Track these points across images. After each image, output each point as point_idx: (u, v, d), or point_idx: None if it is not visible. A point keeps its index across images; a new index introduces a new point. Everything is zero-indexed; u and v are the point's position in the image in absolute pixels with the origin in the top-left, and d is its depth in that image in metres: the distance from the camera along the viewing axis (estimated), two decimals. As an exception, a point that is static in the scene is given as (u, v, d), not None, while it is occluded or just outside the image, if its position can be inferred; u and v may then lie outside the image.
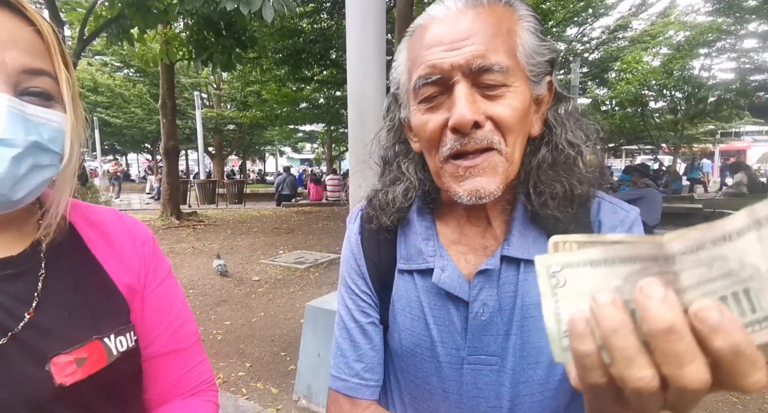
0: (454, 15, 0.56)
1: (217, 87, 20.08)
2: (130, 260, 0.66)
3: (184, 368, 0.70)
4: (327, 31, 10.75)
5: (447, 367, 0.65)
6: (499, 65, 0.54)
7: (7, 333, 0.51)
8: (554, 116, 0.64)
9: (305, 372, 2.69)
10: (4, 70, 0.48)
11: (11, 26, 0.49)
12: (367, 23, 2.24)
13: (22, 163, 0.49)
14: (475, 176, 0.57)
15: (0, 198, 0.49)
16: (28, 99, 0.50)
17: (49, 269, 0.58)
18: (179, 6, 4.89)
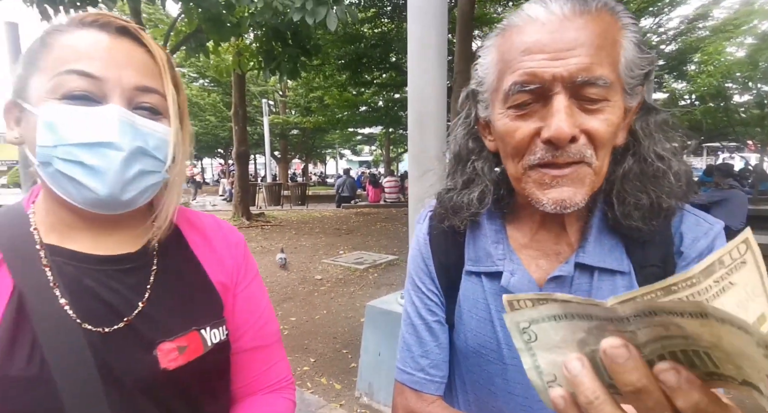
0: (559, 21, 0.52)
1: (283, 94, 21.09)
2: (225, 261, 0.73)
3: (267, 364, 0.75)
4: (387, 35, 10.88)
5: (513, 370, 0.65)
6: (603, 80, 0.51)
7: (123, 318, 0.58)
8: (642, 127, 0.61)
9: (366, 371, 2.75)
10: (119, 86, 0.55)
11: (128, 49, 0.57)
12: (428, 26, 2.24)
13: (130, 166, 0.55)
14: (561, 186, 0.55)
15: (110, 197, 0.55)
16: (138, 112, 0.57)
17: (159, 266, 0.65)
18: (250, 19, 5.21)
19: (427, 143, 2.31)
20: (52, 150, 0.53)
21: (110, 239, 0.62)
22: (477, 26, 9.55)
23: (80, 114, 0.53)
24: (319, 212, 13.04)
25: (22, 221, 0.59)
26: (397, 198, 14.99)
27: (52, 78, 0.53)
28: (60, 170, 0.54)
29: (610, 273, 0.61)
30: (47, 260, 0.57)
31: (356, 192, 16.04)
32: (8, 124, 0.59)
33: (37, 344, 0.52)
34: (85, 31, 0.56)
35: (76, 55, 0.53)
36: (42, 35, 0.57)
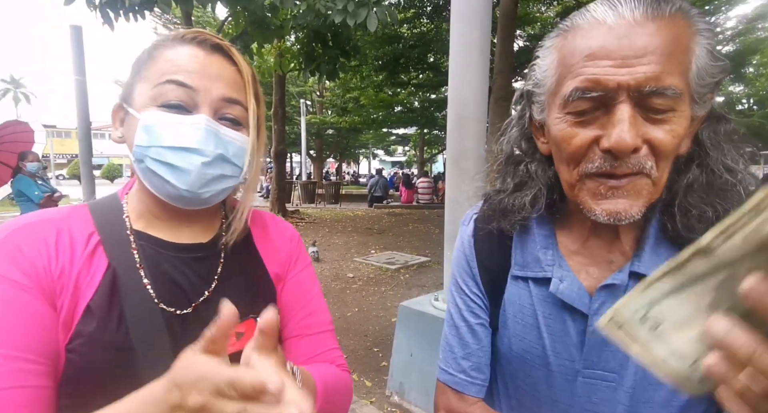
0: (629, 26, 0.49)
1: (320, 94, 21.45)
2: (281, 253, 0.78)
3: (314, 352, 0.76)
4: (426, 36, 10.83)
5: (559, 377, 0.64)
6: (673, 90, 0.49)
7: (191, 303, 0.65)
8: (710, 137, 0.58)
9: (397, 370, 2.76)
10: (209, 96, 0.62)
11: (220, 65, 0.64)
12: (471, 26, 2.23)
13: (210, 169, 0.62)
14: (617, 198, 0.53)
15: (191, 195, 0.62)
16: (222, 122, 0.64)
17: (226, 257, 0.71)
18: (293, 21, 5.34)
19: (466, 144, 2.30)
20: (146, 150, 0.61)
21: (186, 230, 0.69)
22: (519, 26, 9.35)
23: (174, 121, 0.60)
24: (352, 211, 13.17)
25: (117, 209, 0.67)
26: (431, 200, 14.90)
27: (154, 87, 0.61)
28: (149, 167, 0.61)
29: None
30: (135, 244, 0.64)
31: (389, 192, 16.07)
32: (114, 124, 0.68)
33: (124, 316, 0.58)
34: (185, 46, 0.63)
35: (176, 68, 0.61)
36: (149, 48, 0.65)
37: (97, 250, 0.61)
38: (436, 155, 29.69)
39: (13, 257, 0.55)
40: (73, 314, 0.57)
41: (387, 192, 15.77)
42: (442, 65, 12.30)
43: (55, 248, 0.58)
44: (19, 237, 0.57)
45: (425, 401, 2.57)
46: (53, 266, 0.57)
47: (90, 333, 0.56)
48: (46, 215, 0.62)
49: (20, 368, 0.51)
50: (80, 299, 0.57)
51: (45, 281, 0.56)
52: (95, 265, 0.60)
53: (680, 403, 0.58)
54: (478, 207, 0.78)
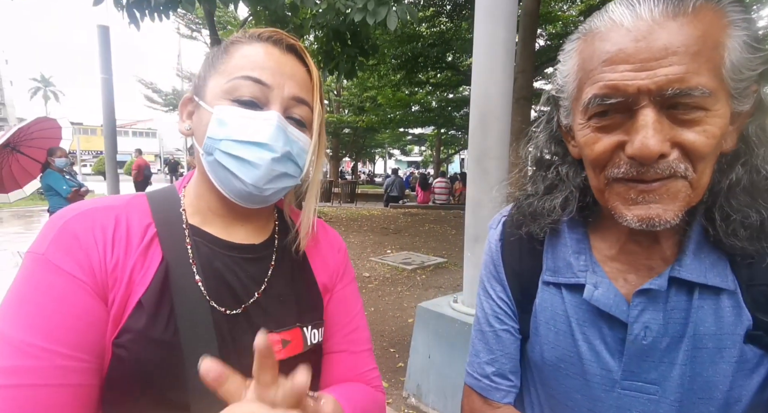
0: (647, 27, 0.47)
1: (338, 93, 21.57)
2: (329, 263, 0.77)
3: (354, 370, 0.74)
4: (445, 34, 10.77)
5: (596, 387, 0.61)
6: (701, 90, 0.45)
7: (241, 304, 0.63)
8: (756, 133, 0.53)
9: (415, 372, 2.73)
10: (281, 94, 0.62)
11: (293, 65, 0.64)
12: (496, 24, 2.18)
13: (278, 166, 0.62)
14: (650, 203, 0.50)
15: (256, 191, 0.62)
16: (289, 121, 0.64)
17: (277, 261, 0.70)
18: (312, 20, 5.37)
19: (490, 144, 2.26)
20: (217, 143, 0.61)
21: (241, 230, 0.69)
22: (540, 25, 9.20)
23: (247, 116, 0.60)
24: (368, 211, 13.19)
25: (174, 202, 0.66)
26: (447, 200, 14.82)
27: (229, 81, 0.61)
28: (219, 160, 0.61)
29: (714, 291, 0.55)
30: (190, 239, 0.63)
31: (405, 192, 16.06)
32: (181, 116, 0.68)
33: (173, 313, 0.57)
34: (261, 44, 0.63)
35: (252, 65, 0.61)
36: (225, 44, 0.65)
37: (152, 243, 0.60)
38: (452, 156, 29.54)
39: (69, 247, 0.54)
40: (124, 308, 0.56)
41: (403, 192, 15.76)
42: (461, 64, 12.22)
43: (112, 239, 0.57)
44: (77, 225, 0.56)
45: (443, 404, 2.54)
46: (108, 259, 0.56)
47: (139, 330, 0.55)
48: (106, 201, 0.61)
49: (63, 365, 0.50)
50: (132, 294, 0.56)
51: (99, 273, 0.55)
52: (149, 259, 0.59)
53: None
54: (506, 211, 0.77)
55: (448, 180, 16.02)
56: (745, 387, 0.53)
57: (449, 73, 12.92)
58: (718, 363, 0.54)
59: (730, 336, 0.54)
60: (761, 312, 0.53)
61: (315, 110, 0.66)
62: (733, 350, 0.53)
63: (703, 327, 0.54)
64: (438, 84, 14.19)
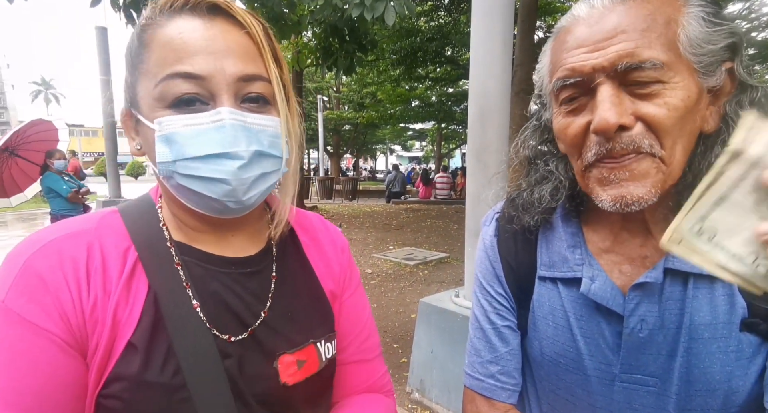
0: (600, 13, 0.51)
1: (337, 90, 21.50)
2: (334, 267, 0.69)
3: (369, 379, 0.71)
4: (444, 28, 10.71)
5: (595, 381, 0.61)
6: (651, 61, 0.48)
7: (247, 327, 0.55)
8: (734, 110, 0.53)
9: (418, 367, 2.74)
10: (224, 78, 0.50)
11: (225, 32, 0.51)
12: (493, 16, 2.17)
13: (249, 172, 0.51)
14: (621, 181, 0.52)
15: (236, 204, 0.53)
16: (247, 106, 0.52)
17: (278, 271, 0.61)
18: (310, 16, 5.35)
19: (489, 138, 2.25)
20: (172, 166, 0.50)
21: (233, 240, 0.60)
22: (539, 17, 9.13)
23: (191, 122, 0.50)
24: (369, 207, 13.18)
25: (152, 216, 0.57)
26: (448, 195, 14.80)
27: (157, 84, 0.50)
28: (182, 184, 0.51)
29: (708, 280, 0.55)
30: (178, 259, 0.54)
31: (406, 188, 16.05)
32: (128, 133, 0.56)
33: (172, 349, 0.50)
34: (178, 19, 0.50)
35: (175, 55, 0.49)
36: (137, 32, 0.52)
37: (136, 270, 0.52)
38: (453, 150, 29.48)
39: (33, 291, 0.45)
40: (110, 353, 0.48)
41: (404, 188, 15.76)
42: (460, 58, 12.16)
43: (86, 274, 0.48)
44: (41, 262, 0.47)
45: (446, 399, 2.55)
46: (84, 299, 0.47)
47: (133, 375, 0.47)
48: (73, 226, 0.52)
49: None
50: (119, 336, 0.48)
51: (74, 319, 0.46)
52: (134, 290, 0.51)
53: (734, 411, 0.54)
54: (499, 207, 0.76)
55: (450, 175, 16.00)
56: (743, 376, 0.53)
57: (448, 68, 12.88)
58: (715, 353, 0.53)
59: (725, 325, 0.53)
60: (756, 298, 0.53)
61: (272, 78, 0.53)
62: (730, 339, 0.53)
63: (698, 316, 0.54)
64: (437, 79, 14.15)
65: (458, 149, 28.39)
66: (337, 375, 0.67)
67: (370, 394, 0.71)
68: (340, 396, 0.69)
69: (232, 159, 0.50)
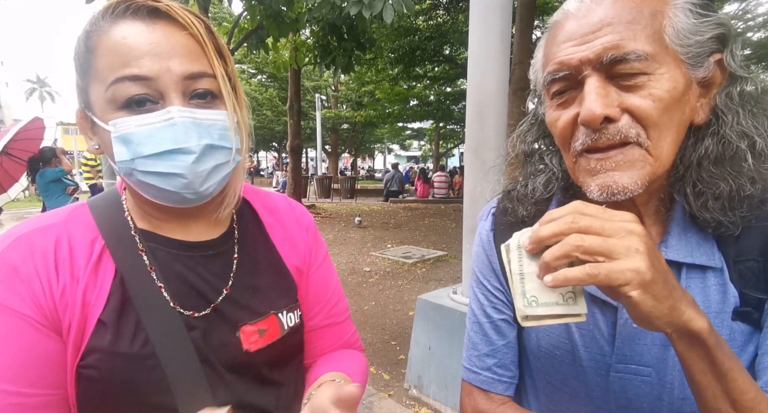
0: (587, 7, 0.53)
1: (335, 89, 21.47)
2: (298, 244, 0.74)
3: (340, 339, 0.79)
4: (442, 27, 10.71)
5: (591, 372, 0.61)
6: (636, 53, 0.49)
7: (210, 303, 0.62)
8: (724, 101, 0.54)
9: (416, 363, 2.74)
10: (171, 78, 0.53)
11: (167, 35, 0.54)
12: (491, 13, 2.17)
13: (203, 165, 0.55)
14: (608, 171, 0.52)
15: (194, 195, 0.57)
16: (195, 102, 0.56)
17: (240, 252, 0.67)
18: (308, 14, 5.33)
19: (487, 135, 2.25)
20: (130, 163, 0.54)
21: (195, 226, 0.65)
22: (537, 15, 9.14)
23: (144, 122, 0.53)
24: (368, 206, 13.19)
25: (118, 208, 0.62)
26: (446, 194, 14.82)
27: (108, 88, 0.53)
28: (142, 180, 0.55)
29: (700, 270, 0.55)
30: (142, 246, 0.60)
31: (404, 187, 16.05)
32: (85, 133, 0.60)
33: (140, 325, 0.55)
34: (122, 24, 0.53)
35: (122, 59, 0.52)
36: (83, 38, 0.55)
37: (103, 257, 0.57)
38: (451, 149, 29.48)
39: (8, 281, 0.51)
40: (84, 330, 0.53)
41: (403, 187, 15.76)
42: (458, 57, 12.16)
43: (54, 263, 0.54)
44: (14, 255, 0.52)
45: (444, 395, 2.55)
46: (54, 286, 0.53)
47: (105, 347, 0.53)
48: (43, 220, 0.57)
49: (17, 403, 0.49)
50: (90, 315, 0.54)
51: (46, 303, 0.52)
52: (102, 274, 0.56)
53: None
54: (495, 202, 0.77)
55: (448, 174, 16.01)
56: None
57: (447, 67, 12.88)
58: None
59: (717, 315, 0.54)
60: (748, 287, 0.53)
61: (218, 74, 0.56)
62: (722, 329, 0.53)
63: None
64: (436, 78, 14.15)
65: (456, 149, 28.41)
66: (311, 339, 0.75)
67: (343, 350, 0.78)
68: (316, 356, 0.76)
69: (186, 154, 0.54)
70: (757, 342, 0.53)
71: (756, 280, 0.53)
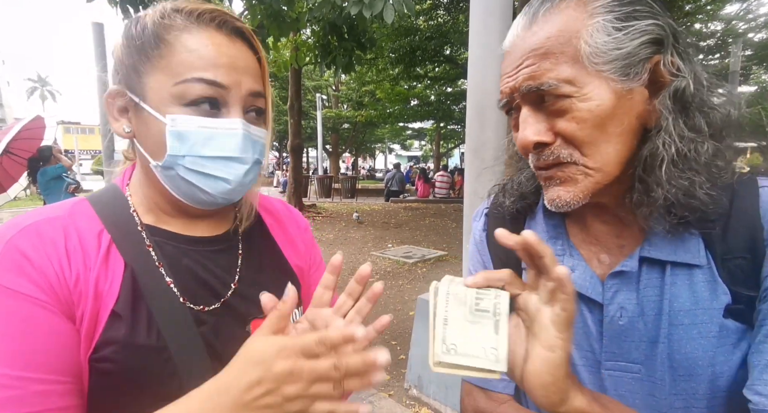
0: (513, 43, 0.56)
1: (336, 89, 21.48)
2: (298, 245, 0.76)
3: None
4: (443, 27, 10.70)
5: (583, 370, 0.62)
6: (547, 83, 0.51)
7: (219, 298, 0.62)
8: (663, 104, 0.53)
9: (416, 364, 2.75)
10: (239, 92, 0.58)
11: (244, 55, 0.59)
12: (491, 13, 2.16)
13: (248, 175, 0.60)
14: (553, 186, 0.57)
15: (225, 201, 0.61)
16: (248, 117, 0.60)
17: (244, 249, 0.69)
18: (308, 14, 5.33)
19: (487, 135, 2.25)
20: (180, 159, 0.56)
21: (200, 223, 0.66)
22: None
23: (208, 125, 0.56)
24: (368, 206, 13.19)
25: (122, 202, 0.62)
26: (447, 194, 14.81)
27: (178, 84, 0.55)
28: (182, 176, 0.57)
29: (686, 267, 0.55)
30: (149, 241, 0.60)
31: (405, 187, 16.05)
32: (111, 112, 0.59)
33: (153, 318, 0.56)
34: (205, 31, 0.56)
35: (202, 62, 0.55)
36: (155, 30, 0.56)
37: (111, 250, 0.57)
38: (452, 149, 29.48)
39: (21, 268, 0.49)
40: (96, 322, 0.53)
41: (403, 186, 15.76)
42: (458, 58, 12.15)
43: (65, 252, 0.53)
44: (23, 242, 0.50)
45: (444, 395, 2.55)
46: (67, 273, 0.52)
47: (122, 339, 0.53)
48: (46, 212, 0.56)
49: (40, 390, 0.47)
50: (103, 306, 0.53)
51: (60, 291, 0.51)
52: (112, 267, 0.56)
53: (721, 396, 0.54)
54: (488, 202, 0.78)
55: (449, 174, 16.00)
56: (727, 362, 0.53)
57: (447, 67, 12.87)
58: (696, 338, 0.54)
59: (706, 311, 0.54)
60: (739, 285, 0.53)
61: (268, 97, 0.63)
62: (711, 325, 0.53)
63: (677, 303, 0.55)
64: (436, 78, 14.14)
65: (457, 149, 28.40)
66: None
67: None
68: None
69: (241, 163, 0.59)
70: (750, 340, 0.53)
71: (745, 277, 0.53)
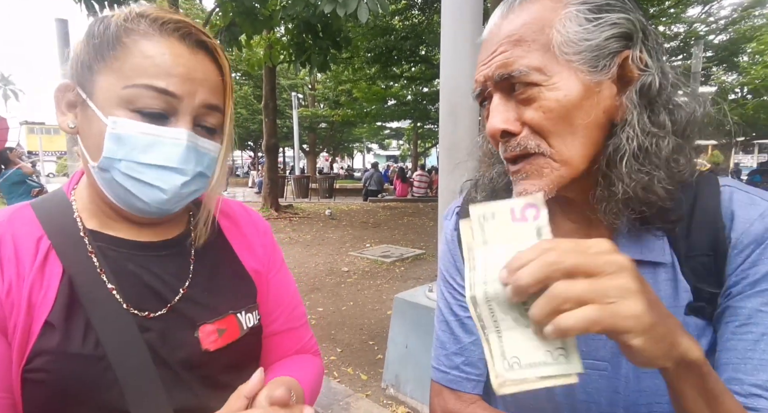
0: (491, 31, 0.56)
1: (312, 87, 21.29)
2: (256, 248, 0.75)
3: (297, 344, 0.80)
4: (418, 27, 10.77)
5: None
6: (519, 71, 0.51)
7: (166, 303, 0.61)
8: (629, 99, 0.54)
9: (393, 362, 2.75)
10: (191, 103, 0.56)
11: (204, 67, 0.58)
12: (463, 13, 2.19)
13: (187, 188, 0.58)
14: (521, 180, 0.56)
15: (159, 212, 0.59)
16: (197, 129, 0.58)
17: (197, 253, 0.67)
18: (282, 11, 5.26)
19: (460, 135, 2.27)
20: (116, 162, 0.54)
21: (149, 228, 0.64)
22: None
23: (152, 132, 0.54)
24: (347, 206, 13.13)
25: (65, 208, 0.60)
26: (425, 193, 14.91)
27: (128, 87, 0.53)
28: (117, 180, 0.55)
29: (651, 266, 0.57)
30: (92, 246, 0.58)
31: (383, 186, 16.06)
32: (59, 106, 0.58)
33: (91, 326, 0.54)
34: (166, 40, 0.55)
35: (156, 70, 0.53)
36: (116, 31, 0.54)
37: (49, 256, 0.55)
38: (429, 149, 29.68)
39: None
40: (29, 332, 0.52)
41: (382, 186, 15.76)
42: (433, 58, 12.25)
43: None
44: None
45: (421, 393, 2.57)
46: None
47: (54, 348, 0.51)
48: None
49: None
50: (36, 317, 0.52)
51: None
52: (48, 274, 0.54)
53: None
54: (460, 201, 0.78)
55: (427, 173, 16.10)
56: None
57: (423, 67, 12.97)
58: None
59: (669, 309, 0.55)
60: (701, 282, 0.55)
61: (227, 113, 0.61)
62: None
63: None
64: (412, 77, 14.23)
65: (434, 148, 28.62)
66: (269, 343, 0.75)
67: (299, 355, 0.79)
68: (274, 360, 0.77)
69: (180, 174, 0.56)
70: (710, 336, 0.55)
71: (708, 275, 0.54)
